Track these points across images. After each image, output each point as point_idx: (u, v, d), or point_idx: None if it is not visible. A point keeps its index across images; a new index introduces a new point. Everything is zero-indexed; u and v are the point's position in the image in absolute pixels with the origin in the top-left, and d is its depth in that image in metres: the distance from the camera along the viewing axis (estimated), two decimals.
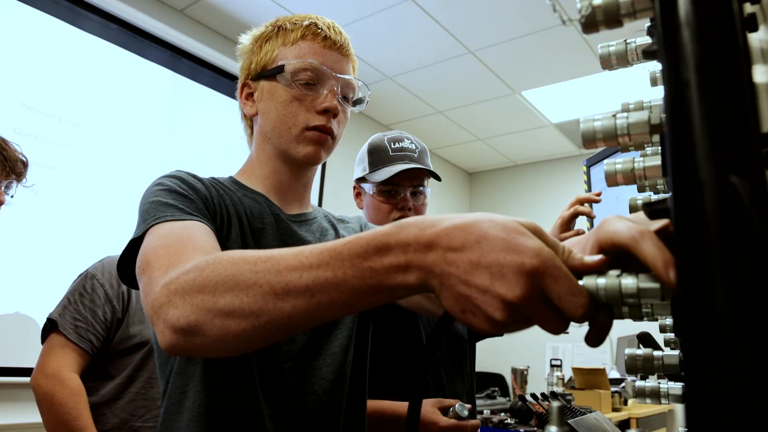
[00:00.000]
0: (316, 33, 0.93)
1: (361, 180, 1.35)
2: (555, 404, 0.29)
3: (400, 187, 1.29)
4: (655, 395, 0.64)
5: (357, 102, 0.99)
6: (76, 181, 2.67)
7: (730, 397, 0.27)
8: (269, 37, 0.94)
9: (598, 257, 0.40)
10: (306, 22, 0.94)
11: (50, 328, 1.51)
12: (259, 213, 0.90)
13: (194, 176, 0.86)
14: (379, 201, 1.30)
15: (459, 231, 0.41)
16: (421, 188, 1.32)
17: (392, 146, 1.30)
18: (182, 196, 0.79)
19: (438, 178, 1.32)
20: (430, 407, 1.11)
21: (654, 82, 0.66)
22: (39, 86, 2.59)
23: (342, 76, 0.92)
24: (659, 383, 0.65)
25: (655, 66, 0.61)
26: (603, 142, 0.41)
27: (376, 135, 1.35)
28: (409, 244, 0.43)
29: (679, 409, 3.81)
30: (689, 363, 0.29)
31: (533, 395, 1.50)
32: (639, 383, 0.65)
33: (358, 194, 1.38)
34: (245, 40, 0.97)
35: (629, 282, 0.37)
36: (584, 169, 1.65)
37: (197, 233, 0.69)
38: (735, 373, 0.27)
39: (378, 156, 1.30)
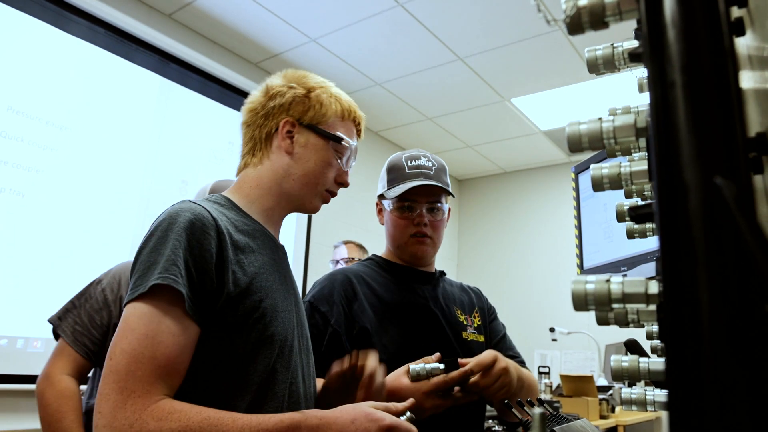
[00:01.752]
0: (358, 122, 1.12)
1: (381, 197, 1.41)
2: (536, 411, 0.29)
3: (416, 203, 1.33)
4: (641, 403, 0.64)
5: None
6: (63, 184, 2.64)
7: (715, 405, 0.27)
8: (328, 101, 1.07)
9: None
10: (355, 108, 1.11)
11: (55, 330, 1.54)
12: (254, 236, 1.00)
13: (208, 228, 0.90)
14: (395, 216, 1.35)
15: None
16: (438, 204, 1.35)
17: (409, 164, 1.35)
18: (187, 266, 0.86)
19: (451, 195, 1.37)
20: (400, 373, 1.13)
21: (641, 89, 0.66)
22: (25, 89, 2.56)
23: (354, 162, 1.14)
24: (645, 391, 0.64)
25: (643, 72, 0.61)
26: (589, 146, 0.40)
27: (395, 154, 1.41)
28: None
29: (666, 416, 3.82)
30: (672, 370, 0.29)
31: (519, 402, 1.49)
32: (625, 391, 0.64)
33: (380, 211, 1.43)
34: (293, 79, 1.08)
35: (616, 286, 0.37)
36: (572, 176, 1.66)
37: (168, 341, 0.82)
38: (720, 381, 0.27)
39: (395, 174, 1.35)
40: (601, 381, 3.52)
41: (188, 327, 0.84)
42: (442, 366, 1.08)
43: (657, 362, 0.53)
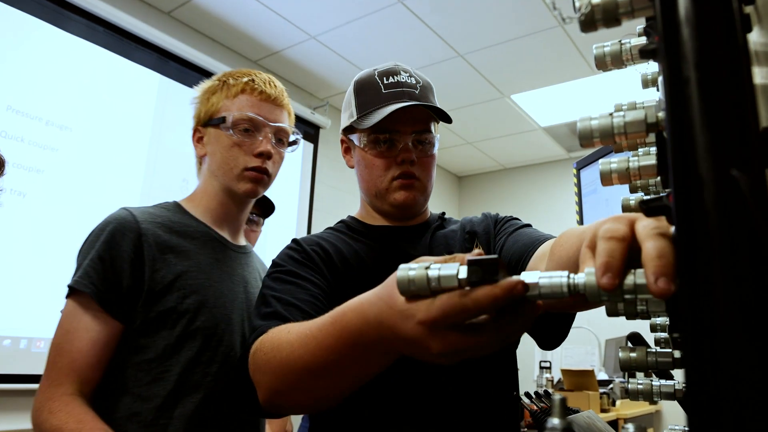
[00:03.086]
0: (254, 88, 1.09)
1: (349, 130, 1.05)
2: (557, 397, 0.30)
3: (398, 135, 0.98)
4: (648, 393, 0.65)
5: (291, 143, 1.16)
6: (64, 184, 2.64)
7: (731, 395, 0.27)
8: (215, 90, 1.11)
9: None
10: (245, 79, 1.10)
11: None
12: (193, 237, 1.07)
13: (127, 232, 0.99)
14: (371, 155, 0.99)
15: None
16: (427, 134, 1.00)
17: (385, 82, 1.01)
18: (104, 268, 0.97)
19: (448, 120, 1.00)
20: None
21: (645, 84, 0.66)
22: (25, 89, 2.56)
23: (275, 124, 1.10)
24: (652, 381, 0.65)
25: (647, 68, 0.62)
26: (600, 140, 0.41)
27: (364, 71, 1.06)
28: None
29: (666, 409, 3.84)
30: (689, 361, 0.29)
31: (527, 394, 1.52)
32: (632, 383, 0.65)
33: (347, 149, 1.08)
34: (197, 91, 1.15)
35: (628, 279, 0.38)
36: (574, 171, 1.67)
37: (83, 336, 0.94)
38: (736, 370, 0.27)
39: (367, 96, 1.00)
40: (602, 375, 3.54)
41: (104, 323, 0.96)
42: (462, 274, 0.44)
43: (664, 353, 0.54)
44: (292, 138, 1.15)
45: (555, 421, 0.30)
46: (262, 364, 0.72)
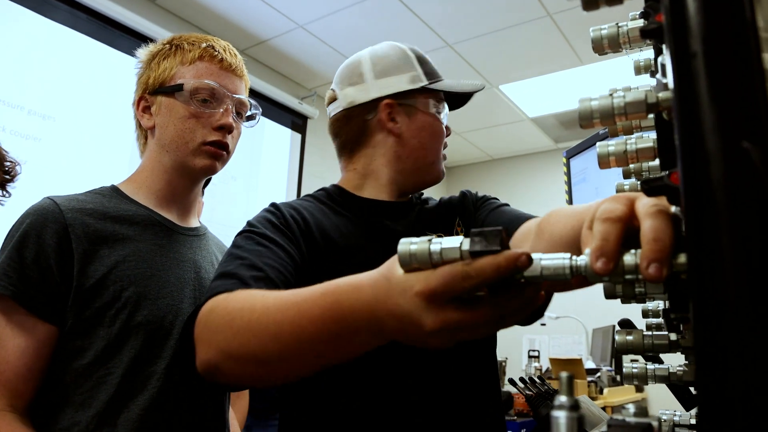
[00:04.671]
0: (213, 55, 1.01)
1: (408, 94, 1.02)
2: (564, 374, 0.30)
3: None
4: (642, 377, 0.65)
5: (249, 118, 1.07)
6: (49, 175, 2.60)
7: (741, 372, 0.27)
8: (167, 55, 1.01)
9: None
10: (204, 44, 1.01)
11: None
12: (132, 222, 0.96)
13: (49, 222, 0.89)
14: (438, 122, 1.05)
15: None
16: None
17: (429, 60, 1.12)
18: (25, 265, 0.86)
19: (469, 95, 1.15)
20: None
21: (638, 71, 0.66)
22: (6, 77, 2.51)
23: (236, 95, 1.01)
24: (646, 365, 0.66)
25: (640, 55, 0.62)
26: (600, 121, 0.41)
27: (397, 45, 1.12)
28: None
29: (652, 397, 3.90)
30: (698, 339, 0.29)
31: (522, 379, 1.53)
32: (627, 366, 0.66)
33: (391, 116, 1.02)
34: (142, 54, 1.04)
35: (629, 258, 0.38)
36: (564, 160, 1.67)
37: (8, 345, 0.84)
38: (746, 347, 0.27)
39: (429, 66, 1.09)
40: (589, 364, 3.58)
41: (32, 328, 0.85)
42: (466, 245, 0.43)
43: (660, 335, 0.54)
44: (249, 112, 1.07)
45: (563, 398, 0.29)
46: (219, 323, 0.66)
